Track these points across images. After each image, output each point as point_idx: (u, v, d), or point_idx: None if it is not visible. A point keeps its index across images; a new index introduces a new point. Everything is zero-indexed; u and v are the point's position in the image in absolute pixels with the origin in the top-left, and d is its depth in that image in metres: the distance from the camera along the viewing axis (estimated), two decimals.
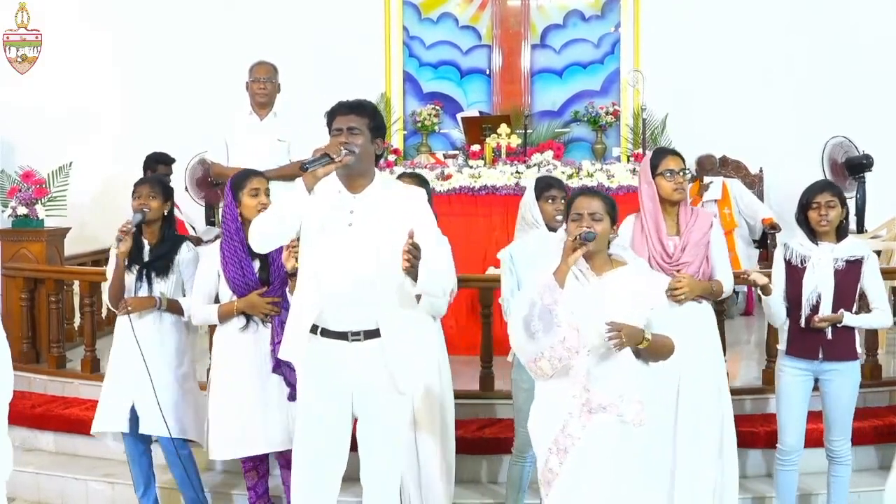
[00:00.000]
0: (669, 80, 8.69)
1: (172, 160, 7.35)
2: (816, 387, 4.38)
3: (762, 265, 7.54)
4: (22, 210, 6.50)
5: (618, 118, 8.95)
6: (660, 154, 4.27)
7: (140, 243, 4.52)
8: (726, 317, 5.64)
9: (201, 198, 8.65)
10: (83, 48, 9.04)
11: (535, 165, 6.93)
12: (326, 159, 3.39)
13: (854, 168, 8.34)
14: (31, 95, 9.04)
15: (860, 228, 8.15)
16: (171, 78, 8.84)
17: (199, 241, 6.57)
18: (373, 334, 3.51)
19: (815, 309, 4.27)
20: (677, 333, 3.47)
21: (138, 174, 7.32)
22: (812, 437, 4.53)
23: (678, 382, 4.06)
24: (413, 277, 3.36)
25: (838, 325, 4.26)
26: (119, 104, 9.06)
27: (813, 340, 4.29)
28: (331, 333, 3.52)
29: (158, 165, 7.16)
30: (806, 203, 4.34)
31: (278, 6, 8.99)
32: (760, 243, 8.17)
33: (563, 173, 6.73)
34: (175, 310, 4.54)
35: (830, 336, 4.27)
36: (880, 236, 7.87)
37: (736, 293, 7.50)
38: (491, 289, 5.52)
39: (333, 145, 3.44)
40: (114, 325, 4.69)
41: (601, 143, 8.89)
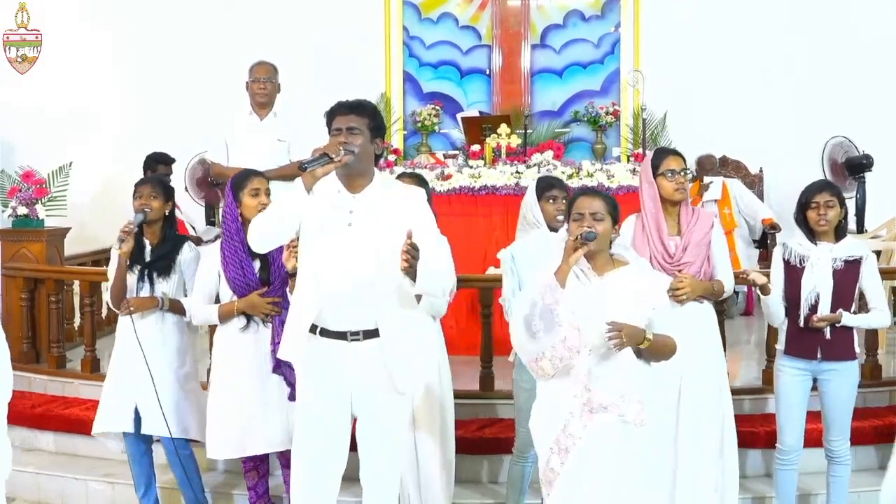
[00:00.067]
0: (669, 80, 8.68)
1: (172, 160, 7.37)
2: (815, 387, 4.39)
3: (762, 265, 7.53)
4: (22, 210, 6.49)
5: (618, 118, 8.94)
6: (661, 154, 4.26)
7: (141, 243, 4.52)
8: (726, 317, 5.64)
9: (201, 198, 8.65)
10: (83, 48, 9.04)
11: (535, 165, 6.93)
12: (325, 159, 3.39)
13: (854, 168, 8.34)
14: (31, 95, 9.04)
15: (860, 228, 8.14)
16: (171, 78, 8.85)
17: (200, 241, 6.57)
18: (372, 334, 3.51)
19: (814, 309, 4.27)
20: (679, 333, 3.47)
21: (138, 174, 7.33)
22: (811, 438, 4.53)
23: (679, 382, 4.06)
24: (412, 277, 3.36)
25: (837, 325, 4.26)
26: (119, 104, 9.06)
27: (811, 340, 4.29)
28: (330, 333, 3.52)
29: (158, 165, 7.17)
30: (805, 203, 4.34)
31: (278, 6, 8.99)
32: (760, 243, 8.17)
33: (563, 173, 6.72)
34: (177, 310, 4.54)
35: (829, 336, 4.27)
36: (880, 236, 7.87)
37: (736, 293, 7.50)
38: (491, 289, 5.52)
39: (333, 145, 3.44)
40: (114, 325, 4.70)
41: (601, 143, 8.89)
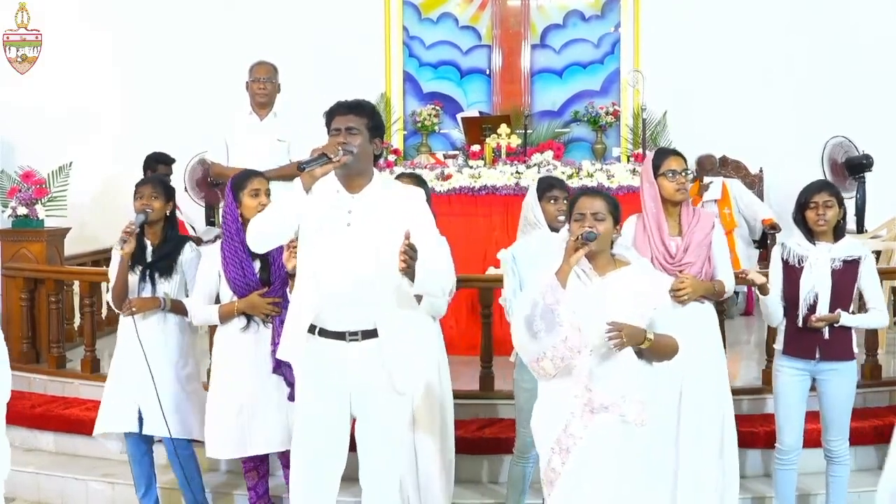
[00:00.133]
0: (669, 80, 8.68)
1: (172, 160, 7.37)
2: (814, 387, 4.38)
3: (762, 265, 7.53)
4: (22, 210, 6.49)
5: (618, 118, 8.94)
6: (662, 154, 4.26)
7: (143, 244, 4.51)
8: (726, 317, 5.64)
9: (201, 198, 8.65)
10: (83, 48, 9.04)
11: (535, 165, 6.93)
12: (324, 159, 3.39)
13: (854, 168, 8.34)
14: (31, 95, 9.04)
15: (860, 228, 8.14)
16: (171, 78, 8.85)
17: (199, 242, 6.56)
18: (370, 334, 3.51)
19: (813, 309, 4.27)
20: (680, 333, 3.47)
21: (138, 174, 7.33)
22: (811, 438, 4.53)
23: (681, 383, 4.06)
24: (410, 278, 3.35)
25: (835, 325, 4.26)
26: (119, 104, 9.06)
27: (810, 340, 4.29)
28: (329, 333, 3.52)
29: (158, 165, 7.17)
30: (804, 203, 4.33)
31: (278, 6, 8.99)
32: (760, 243, 8.17)
33: (563, 173, 6.72)
34: (179, 310, 4.53)
35: (827, 336, 4.27)
36: (880, 236, 7.87)
37: (736, 293, 7.50)
38: (491, 289, 5.52)
39: (331, 145, 3.44)
40: (114, 326, 4.69)
41: (601, 143, 8.88)
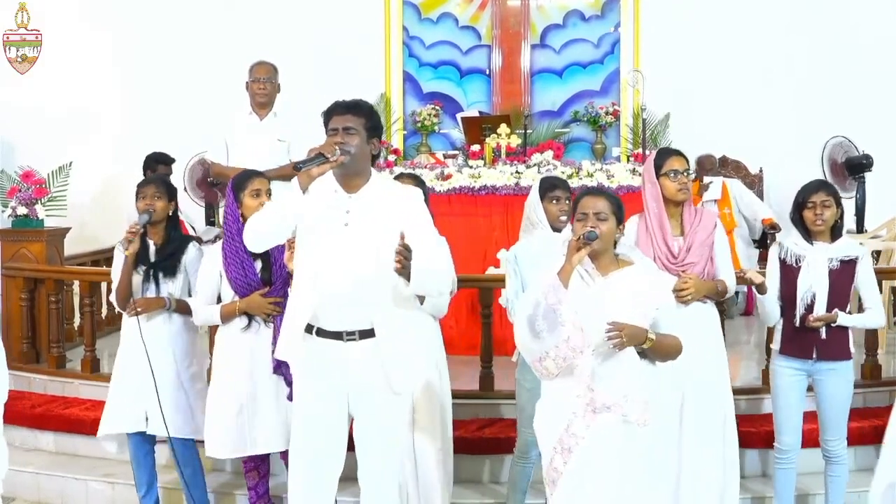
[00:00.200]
0: (669, 80, 8.68)
1: (172, 160, 7.36)
2: (811, 387, 4.39)
3: (762, 265, 7.52)
4: (22, 210, 6.49)
5: (618, 118, 8.94)
6: (664, 154, 4.26)
7: (146, 244, 4.50)
8: (726, 317, 5.63)
9: (201, 198, 8.65)
10: (83, 48, 9.04)
11: (535, 165, 6.93)
12: (321, 159, 3.39)
13: (854, 168, 8.33)
14: (31, 95, 9.04)
15: (860, 228, 8.14)
16: (171, 78, 8.85)
17: (200, 241, 6.55)
18: (368, 334, 3.51)
19: (810, 308, 4.27)
20: (682, 333, 3.46)
21: (138, 174, 7.33)
22: (810, 438, 4.53)
23: (684, 383, 4.04)
24: (406, 278, 3.35)
25: (832, 325, 4.26)
26: (119, 104, 9.06)
27: (807, 340, 4.29)
28: (326, 333, 3.52)
29: (158, 165, 7.16)
30: (801, 202, 4.34)
31: (278, 6, 8.99)
32: (760, 243, 8.17)
33: (563, 173, 6.72)
34: (184, 310, 4.52)
35: (824, 336, 4.27)
36: (880, 236, 7.87)
37: (736, 293, 7.50)
38: (491, 289, 5.52)
39: (328, 145, 3.44)
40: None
41: (601, 143, 8.88)
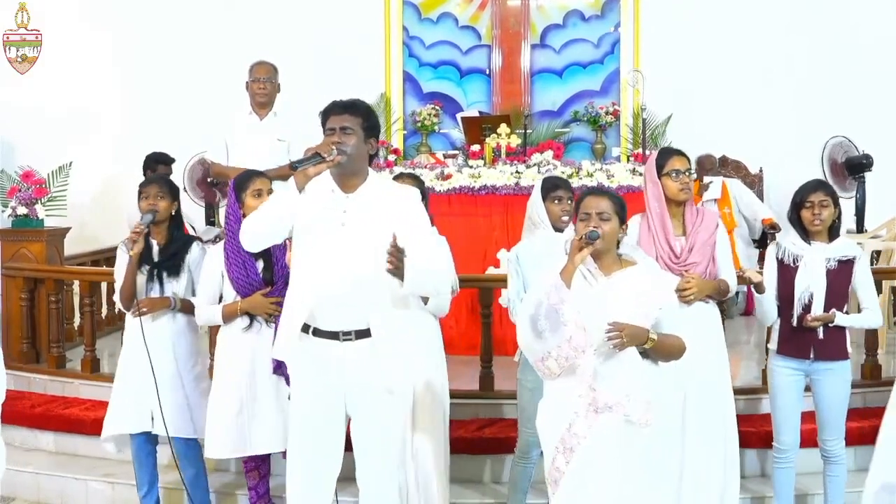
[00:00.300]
0: (669, 80, 8.67)
1: (172, 160, 7.36)
2: (808, 387, 4.39)
3: (762, 265, 7.52)
4: (22, 210, 6.49)
5: (617, 118, 8.94)
6: (666, 154, 4.26)
7: (149, 244, 4.49)
8: (726, 317, 5.62)
9: (200, 198, 8.65)
10: (83, 48, 9.04)
11: (535, 165, 6.93)
12: (317, 158, 3.40)
13: (854, 168, 8.33)
14: (31, 95, 9.03)
15: (860, 228, 8.14)
16: (171, 78, 8.84)
17: (200, 241, 6.56)
18: (364, 334, 3.50)
19: (807, 308, 4.27)
20: (685, 333, 3.46)
21: (138, 174, 7.33)
22: (809, 438, 4.53)
23: (686, 383, 4.04)
24: (399, 278, 3.36)
25: (830, 325, 4.27)
26: (119, 104, 9.06)
27: (804, 340, 4.29)
28: (322, 333, 3.52)
29: (158, 165, 7.16)
30: (799, 202, 4.34)
31: (278, 6, 8.99)
32: (760, 243, 8.16)
33: (563, 173, 6.71)
34: (188, 310, 4.51)
35: (822, 336, 4.28)
36: (880, 236, 7.86)
37: (736, 293, 7.50)
38: (491, 289, 5.53)
39: (325, 144, 3.44)
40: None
41: (601, 143, 8.88)
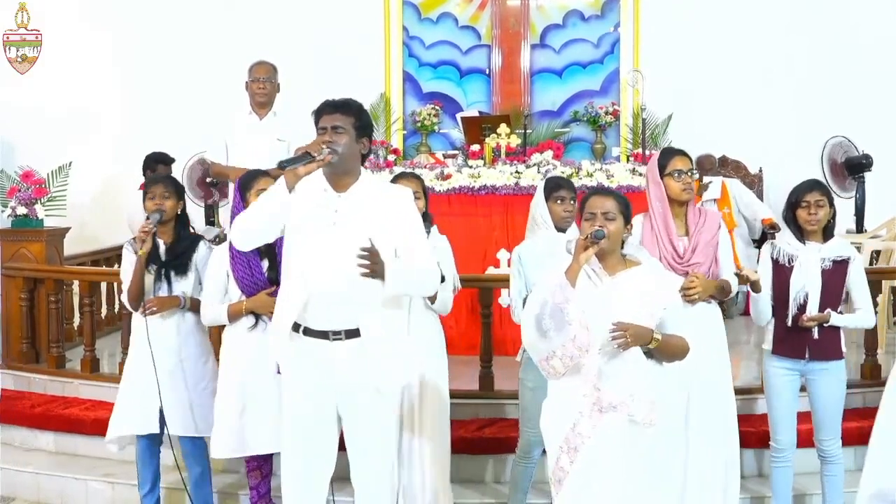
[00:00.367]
0: (669, 80, 8.67)
1: (172, 160, 7.37)
2: (803, 387, 4.39)
3: None
4: (21, 210, 6.49)
5: (617, 118, 8.94)
6: (668, 154, 4.27)
7: (155, 243, 4.48)
8: (726, 317, 5.62)
9: (200, 198, 8.65)
10: (83, 48, 9.04)
11: (535, 165, 6.93)
12: (308, 158, 3.40)
13: (854, 168, 8.33)
14: (31, 95, 9.04)
15: (860, 228, 8.14)
16: (171, 78, 8.85)
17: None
18: (353, 334, 3.50)
19: (802, 308, 4.27)
20: (688, 334, 3.46)
21: (138, 174, 7.35)
22: (806, 438, 4.53)
23: (690, 383, 4.04)
24: (380, 279, 3.37)
25: (825, 325, 4.26)
26: (119, 104, 9.06)
27: (800, 340, 4.29)
28: (313, 332, 3.52)
29: (158, 165, 7.18)
30: (795, 202, 4.34)
31: (278, 6, 8.99)
32: (760, 243, 8.16)
33: (563, 173, 6.71)
34: (197, 309, 4.49)
35: (817, 336, 4.27)
36: (880, 236, 7.86)
37: (737, 294, 7.50)
38: (491, 289, 5.53)
39: (316, 144, 3.45)
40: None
41: (601, 143, 8.88)
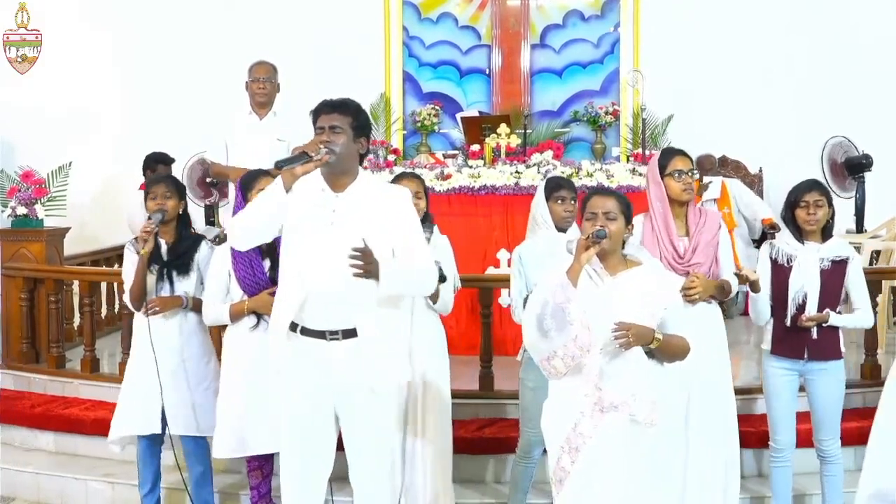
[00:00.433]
0: (669, 80, 8.67)
1: (172, 160, 7.37)
2: (802, 387, 4.39)
3: None
4: (21, 210, 6.49)
5: (617, 118, 8.95)
6: (668, 154, 4.26)
7: (157, 243, 4.47)
8: (726, 317, 5.62)
9: (200, 198, 8.65)
10: (83, 48, 9.04)
11: (535, 165, 6.93)
12: (305, 157, 3.40)
13: (854, 168, 8.33)
14: (31, 95, 9.04)
15: (860, 228, 8.14)
16: (171, 78, 8.85)
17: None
18: (350, 334, 3.50)
19: (801, 308, 4.27)
20: (688, 334, 3.46)
21: (138, 174, 7.35)
22: (805, 438, 4.53)
23: (690, 383, 4.04)
24: (375, 279, 3.38)
25: (823, 325, 4.27)
26: (119, 104, 9.06)
27: (799, 340, 4.29)
28: (310, 332, 3.52)
29: (158, 165, 7.17)
30: (794, 201, 4.34)
31: (278, 6, 8.99)
32: (760, 243, 8.15)
33: (563, 173, 6.71)
34: (200, 308, 4.49)
35: (816, 336, 4.28)
36: (880, 236, 7.86)
37: (737, 294, 7.50)
38: (491, 289, 5.53)
39: (313, 144, 3.44)
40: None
41: (601, 143, 8.89)
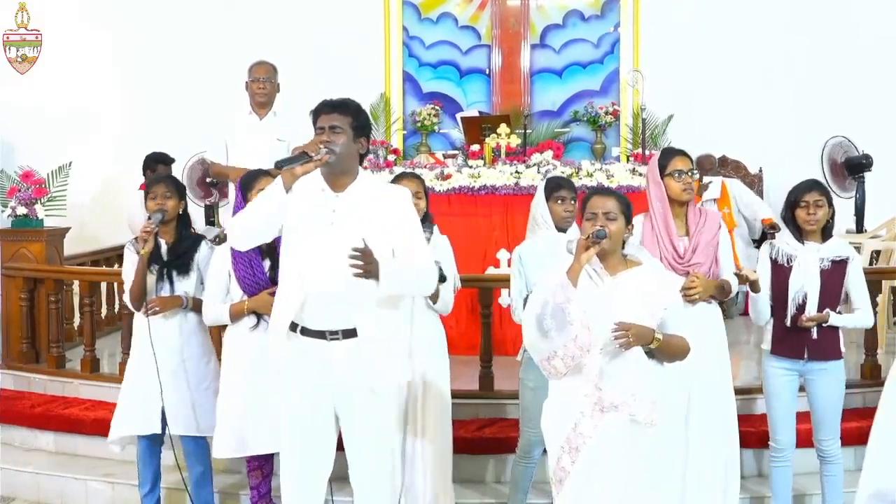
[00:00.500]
0: (669, 80, 8.67)
1: (172, 160, 7.37)
2: (802, 387, 4.39)
3: None
4: (21, 210, 6.49)
5: (617, 118, 8.95)
6: (668, 154, 4.26)
7: (157, 243, 4.47)
8: (726, 317, 5.62)
9: (200, 198, 8.65)
10: (83, 48, 9.04)
11: (535, 165, 6.93)
12: (305, 157, 3.40)
13: (854, 168, 8.33)
14: (31, 95, 9.04)
15: (860, 228, 8.14)
16: (171, 78, 8.85)
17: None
18: (350, 334, 3.50)
19: (801, 308, 4.27)
20: (689, 334, 3.46)
21: (138, 174, 7.36)
22: (806, 438, 4.53)
23: (690, 383, 4.04)
24: (375, 279, 3.37)
25: (823, 325, 4.27)
26: (119, 104, 9.06)
27: (799, 340, 4.29)
28: (310, 332, 3.52)
29: (158, 165, 7.18)
30: (794, 201, 4.33)
31: (278, 6, 9.00)
32: (760, 243, 8.15)
33: (563, 173, 6.71)
34: (200, 309, 4.49)
35: (815, 336, 4.27)
36: (880, 236, 7.86)
37: (737, 294, 7.50)
38: (491, 289, 5.53)
39: (313, 144, 3.44)
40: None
41: (601, 143, 8.89)
